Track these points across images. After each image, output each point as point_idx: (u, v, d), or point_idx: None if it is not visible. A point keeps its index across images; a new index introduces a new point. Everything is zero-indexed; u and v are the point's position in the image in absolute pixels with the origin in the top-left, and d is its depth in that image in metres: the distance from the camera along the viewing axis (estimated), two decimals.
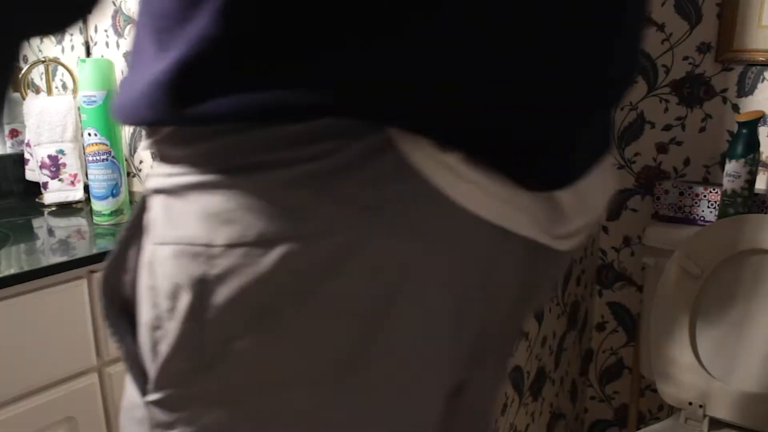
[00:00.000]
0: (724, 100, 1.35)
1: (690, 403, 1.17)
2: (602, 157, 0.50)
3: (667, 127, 1.43)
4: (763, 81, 1.31)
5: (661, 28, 1.40)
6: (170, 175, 0.38)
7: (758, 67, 1.30)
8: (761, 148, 1.32)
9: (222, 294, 0.36)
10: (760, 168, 1.33)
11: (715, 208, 1.27)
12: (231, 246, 0.35)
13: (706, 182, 1.37)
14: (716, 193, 1.26)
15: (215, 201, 0.36)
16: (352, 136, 0.35)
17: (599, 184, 0.51)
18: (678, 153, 1.43)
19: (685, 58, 1.38)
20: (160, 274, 0.38)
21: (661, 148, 1.45)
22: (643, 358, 1.33)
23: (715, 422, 1.19)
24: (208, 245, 0.36)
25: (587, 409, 1.69)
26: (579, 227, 0.48)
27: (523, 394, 1.25)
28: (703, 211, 1.28)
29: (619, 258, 1.56)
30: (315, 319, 0.36)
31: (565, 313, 1.42)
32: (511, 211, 0.41)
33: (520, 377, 1.22)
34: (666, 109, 1.42)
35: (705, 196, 1.27)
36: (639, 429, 1.41)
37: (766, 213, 1.20)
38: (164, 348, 0.39)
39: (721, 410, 1.15)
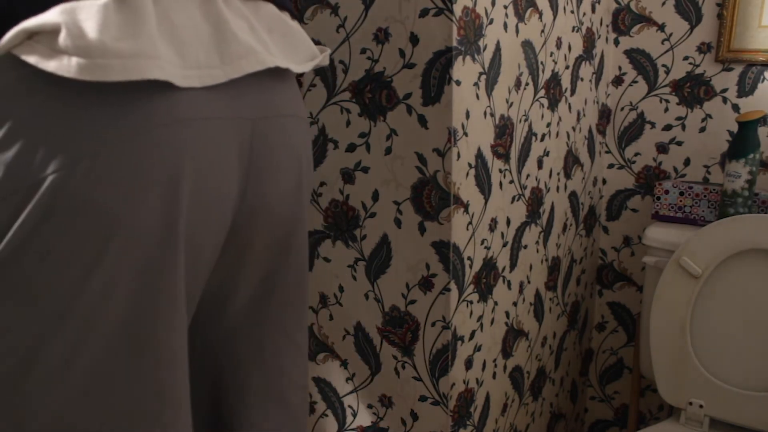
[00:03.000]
0: (724, 100, 1.36)
1: (690, 403, 1.18)
2: None
3: (667, 127, 1.43)
4: (763, 81, 1.31)
5: (661, 28, 1.40)
6: None
7: (758, 67, 1.31)
8: (761, 148, 1.32)
9: None
10: (760, 168, 1.33)
11: (715, 208, 1.27)
12: None
13: (706, 182, 1.37)
14: (716, 193, 1.26)
15: None
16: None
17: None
18: (678, 153, 1.43)
19: (685, 58, 1.38)
20: None
21: (661, 148, 1.45)
22: (643, 358, 1.33)
23: (715, 422, 1.19)
24: None
25: (587, 409, 1.69)
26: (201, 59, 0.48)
27: (523, 394, 1.25)
28: (703, 211, 1.28)
29: (619, 258, 1.56)
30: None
31: (565, 313, 1.42)
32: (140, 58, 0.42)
33: (520, 377, 1.22)
34: (666, 109, 1.42)
35: (705, 196, 1.27)
36: (639, 429, 1.41)
37: (766, 213, 1.20)
38: None
39: (721, 410, 1.15)
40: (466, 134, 0.90)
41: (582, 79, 1.32)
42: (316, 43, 0.96)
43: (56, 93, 0.40)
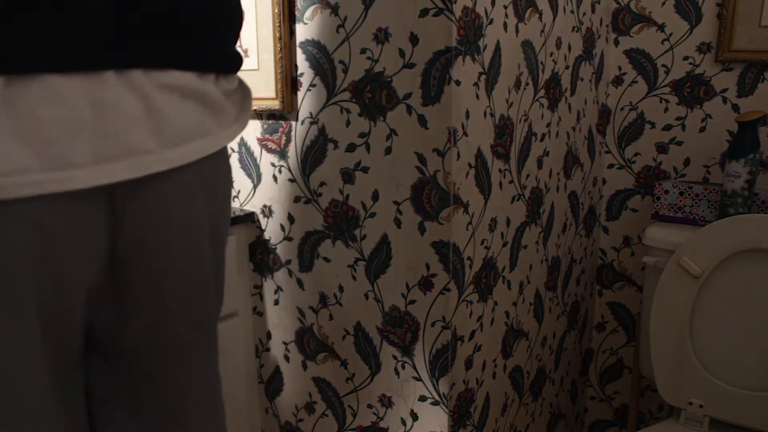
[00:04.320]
0: (724, 100, 1.36)
1: (690, 403, 1.18)
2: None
3: (667, 127, 1.43)
4: (763, 81, 1.31)
5: (661, 28, 1.40)
6: None
7: (758, 67, 1.31)
8: (761, 148, 1.32)
9: None
10: (759, 168, 1.33)
11: (715, 208, 1.27)
12: None
13: (706, 182, 1.37)
14: (716, 193, 1.26)
15: None
16: None
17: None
18: (678, 153, 1.43)
19: (685, 58, 1.38)
20: None
21: (661, 148, 1.45)
22: (643, 358, 1.33)
23: (715, 422, 1.19)
24: None
25: (587, 409, 1.69)
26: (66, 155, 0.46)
27: (523, 394, 1.25)
28: (703, 211, 1.28)
29: (619, 258, 1.56)
30: None
31: (565, 313, 1.42)
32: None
33: (520, 377, 1.22)
34: (666, 109, 1.42)
35: (705, 196, 1.27)
36: (639, 429, 1.41)
37: (766, 213, 1.20)
38: None
39: (721, 410, 1.15)
40: (466, 134, 0.90)
41: (582, 79, 1.32)
42: (313, 43, 0.96)
43: None
